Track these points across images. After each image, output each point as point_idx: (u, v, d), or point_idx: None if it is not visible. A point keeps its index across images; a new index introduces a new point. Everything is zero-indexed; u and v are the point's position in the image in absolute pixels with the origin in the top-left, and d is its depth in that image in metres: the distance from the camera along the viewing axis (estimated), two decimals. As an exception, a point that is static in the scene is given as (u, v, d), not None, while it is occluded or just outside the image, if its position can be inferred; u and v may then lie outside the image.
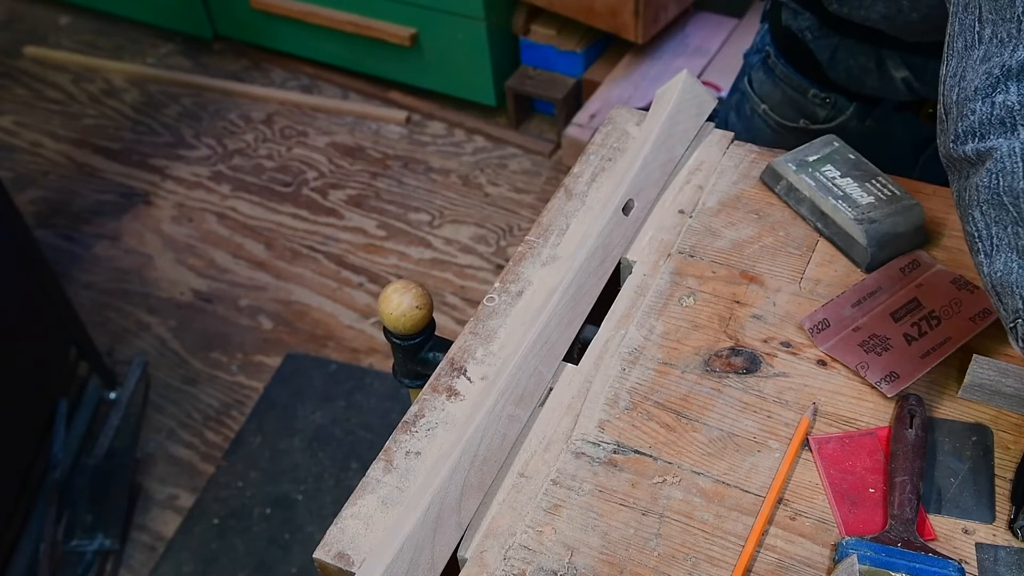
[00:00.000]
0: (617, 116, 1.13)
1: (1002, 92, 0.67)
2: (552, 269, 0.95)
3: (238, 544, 1.91)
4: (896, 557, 0.71)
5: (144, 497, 2.00)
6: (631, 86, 2.57)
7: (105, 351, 2.22)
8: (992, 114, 0.67)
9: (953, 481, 0.78)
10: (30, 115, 2.98)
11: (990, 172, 0.66)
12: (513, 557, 0.75)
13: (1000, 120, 0.66)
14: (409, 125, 2.85)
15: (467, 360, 0.88)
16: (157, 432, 2.12)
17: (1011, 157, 0.65)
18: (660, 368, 0.87)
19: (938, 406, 0.83)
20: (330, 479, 2.00)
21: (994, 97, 0.67)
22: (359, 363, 2.22)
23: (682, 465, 0.80)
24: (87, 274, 2.47)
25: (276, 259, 2.48)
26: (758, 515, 0.76)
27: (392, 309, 0.91)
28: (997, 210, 0.66)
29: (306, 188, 2.68)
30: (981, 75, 0.68)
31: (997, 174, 0.66)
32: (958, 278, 0.91)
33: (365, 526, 0.76)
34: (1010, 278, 0.65)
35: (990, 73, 0.67)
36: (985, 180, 0.67)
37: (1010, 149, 0.65)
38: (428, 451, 0.81)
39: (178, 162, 2.79)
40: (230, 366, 2.24)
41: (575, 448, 0.82)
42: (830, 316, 0.89)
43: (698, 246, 0.98)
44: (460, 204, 2.60)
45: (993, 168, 0.66)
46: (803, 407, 0.83)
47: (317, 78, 3.02)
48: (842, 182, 0.96)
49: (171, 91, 3.04)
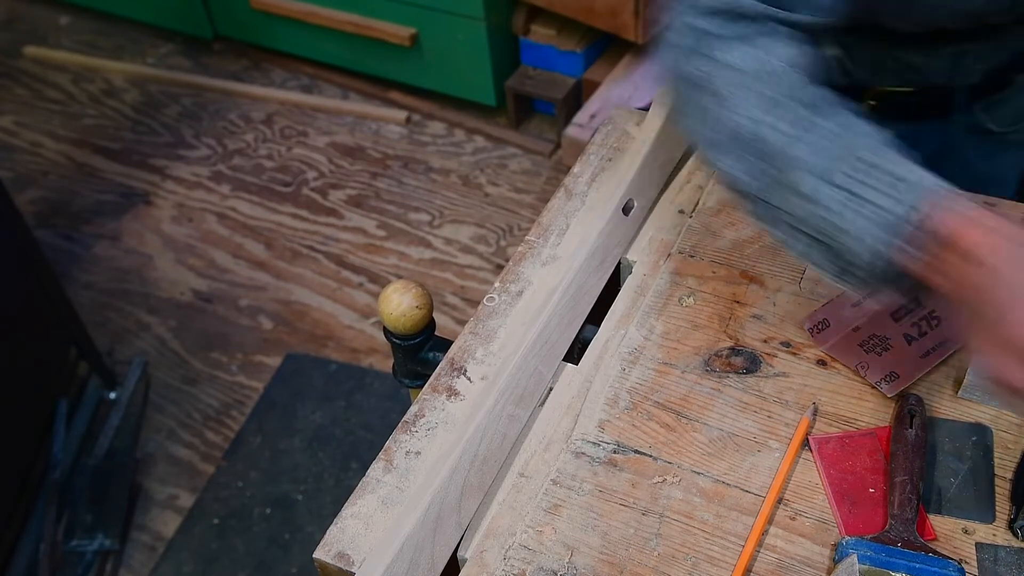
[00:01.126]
0: (617, 116, 1.13)
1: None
2: (552, 269, 0.95)
3: (238, 544, 1.91)
4: (896, 557, 0.71)
5: (144, 497, 2.00)
6: (631, 86, 2.57)
7: (105, 351, 2.22)
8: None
9: (953, 481, 0.78)
10: (30, 115, 2.98)
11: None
12: (513, 557, 0.75)
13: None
14: (409, 125, 2.85)
15: (467, 360, 0.88)
16: (157, 432, 2.12)
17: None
18: (660, 368, 0.87)
19: (938, 406, 0.83)
20: (330, 479, 2.00)
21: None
22: (359, 363, 2.22)
23: (682, 465, 0.80)
24: (87, 274, 2.47)
25: (276, 259, 2.48)
26: (758, 515, 0.76)
27: (392, 309, 0.91)
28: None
29: (306, 188, 2.68)
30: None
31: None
32: (958, 278, 0.91)
33: (365, 526, 0.76)
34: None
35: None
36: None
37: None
38: (428, 451, 0.81)
39: (178, 162, 2.79)
40: (230, 366, 2.24)
41: (575, 448, 0.82)
42: (830, 316, 0.89)
43: (698, 246, 0.98)
44: (460, 204, 2.60)
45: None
46: (803, 407, 0.83)
47: (317, 78, 3.02)
48: (842, 182, 0.96)
49: (171, 91, 3.04)
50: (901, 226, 0.65)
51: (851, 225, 0.67)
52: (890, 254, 0.66)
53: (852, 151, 0.68)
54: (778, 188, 0.71)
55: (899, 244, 0.66)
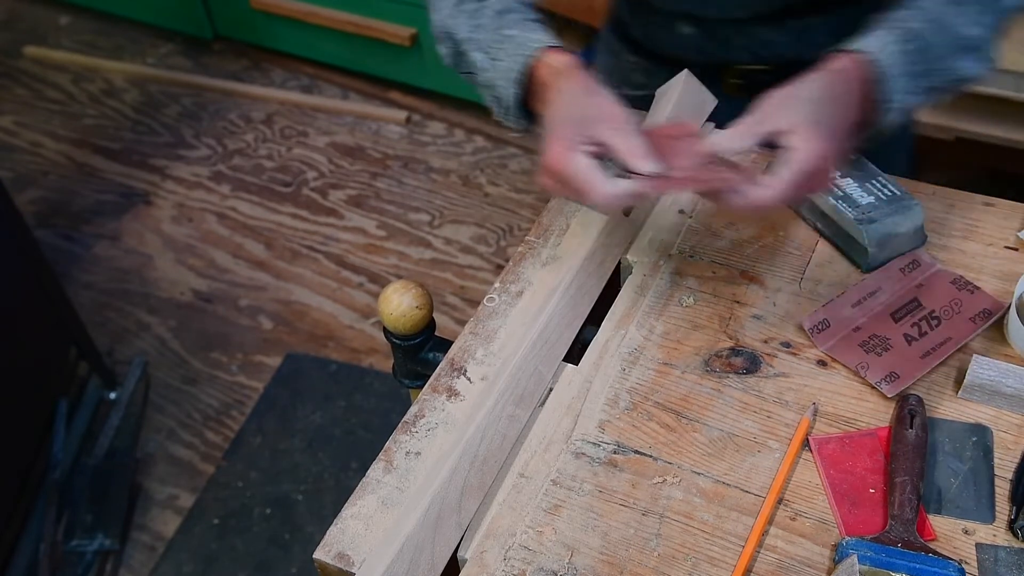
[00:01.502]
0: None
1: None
2: (552, 269, 0.95)
3: (238, 544, 1.91)
4: (896, 557, 0.71)
5: (144, 497, 2.00)
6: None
7: (105, 351, 2.22)
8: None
9: (953, 481, 0.78)
10: (30, 115, 2.98)
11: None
12: (513, 557, 0.75)
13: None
14: (409, 125, 2.85)
15: (467, 360, 0.88)
16: (157, 432, 2.12)
17: None
18: (660, 368, 0.87)
19: (938, 406, 0.83)
20: (330, 479, 2.00)
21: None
22: (359, 363, 2.22)
23: (682, 465, 0.80)
24: (87, 274, 2.47)
25: (276, 259, 2.48)
26: (758, 515, 0.76)
27: (392, 309, 0.91)
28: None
29: (306, 188, 2.68)
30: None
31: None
32: (958, 278, 0.91)
33: (365, 526, 0.76)
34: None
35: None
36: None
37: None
38: (428, 451, 0.81)
39: (178, 162, 2.79)
40: (230, 366, 2.24)
41: (575, 448, 0.82)
42: (830, 316, 0.89)
43: (698, 246, 0.98)
44: (460, 204, 2.60)
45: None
46: (803, 407, 0.83)
47: (317, 78, 3.02)
48: (842, 182, 0.96)
49: (171, 91, 3.04)
50: (515, 75, 0.90)
51: (497, 80, 0.92)
52: (513, 95, 0.91)
53: (499, 30, 0.92)
54: (464, 61, 0.97)
55: (515, 90, 0.90)
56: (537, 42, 0.89)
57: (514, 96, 0.90)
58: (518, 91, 0.90)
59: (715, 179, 0.80)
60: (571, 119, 0.83)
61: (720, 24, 1.07)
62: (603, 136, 0.81)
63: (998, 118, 1.94)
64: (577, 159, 0.80)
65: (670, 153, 0.81)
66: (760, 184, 0.78)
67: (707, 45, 1.10)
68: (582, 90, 0.85)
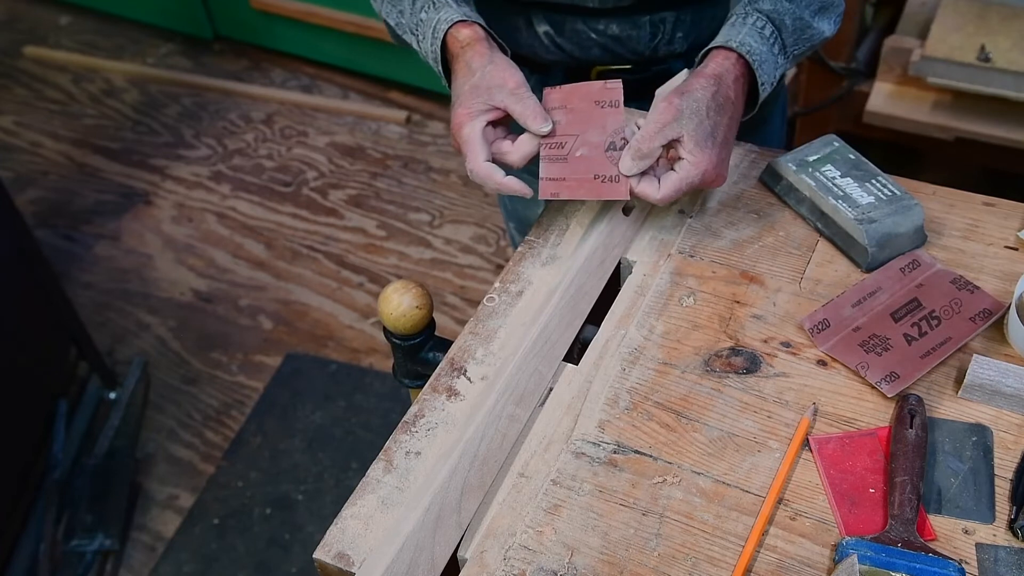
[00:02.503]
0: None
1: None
2: (552, 269, 0.95)
3: (238, 544, 1.91)
4: (896, 557, 0.71)
5: (144, 497, 2.00)
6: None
7: (105, 351, 2.22)
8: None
9: (953, 481, 0.78)
10: (30, 115, 2.98)
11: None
12: (513, 557, 0.75)
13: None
14: (409, 125, 2.85)
15: (467, 360, 0.88)
16: (157, 432, 2.12)
17: None
18: (660, 368, 0.87)
19: (938, 406, 0.83)
20: (330, 479, 2.00)
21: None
22: (359, 363, 2.22)
23: (682, 465, 0.80)
24: (87, 274, 2.47)
25: (276, 259, 2.48)
26: (758, 515, 0.76)
27: (392, 309, 0.91)
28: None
29: (306, 188, 2.68)
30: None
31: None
32: (958, 278, 0.91)
33: (365, 526, 0.76)
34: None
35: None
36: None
37: None
38: (428, 451, 0.81)
39: (178, 162, 2.79)
40: (230, 366, 2.24)
41: (575, 448, 0.82)
42: (830, 316, 0.89)
43: (698, 246, 0.98)
44: (460, 204, 2.60)
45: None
46: (803, 407, 0.83)
47: (317, 78, 3.02)
48: (842, 182, 0.96)
49: (171, 91, 3.04)
50: (434, 55, 0.99)
51: (427, 58, 1.01)
52: (440, 71, 1.00)
53: (415, 14, 1.01)
54: (403, 42, 1.08)
55: (439, 68, 0.99)
56: (445, 21, 0.97)
57: (441, 73, 1.01)
58: (440, 69, 1.00)
59: (600, 191, 0.91)
60: (473, 87, 0.93)
61: (573, 19, 1.08)
62: (501, 101, 0.91)
63: (998, 118, 1.94)
64: (472, 126, 0.92)
65: (587, 121, 0.92)
66: (653, 185, 0.90)
67: (564, 43, 1.11)
68: (483, 60, 0.94)
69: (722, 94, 0.91)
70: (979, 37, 1.89)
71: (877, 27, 2.21)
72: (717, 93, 0.91)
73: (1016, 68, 1.83)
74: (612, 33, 1.09)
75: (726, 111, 0.92)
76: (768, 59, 0.94)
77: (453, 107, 0.95)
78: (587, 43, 1.10)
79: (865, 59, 2.15)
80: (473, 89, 0.93)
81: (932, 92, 2.01)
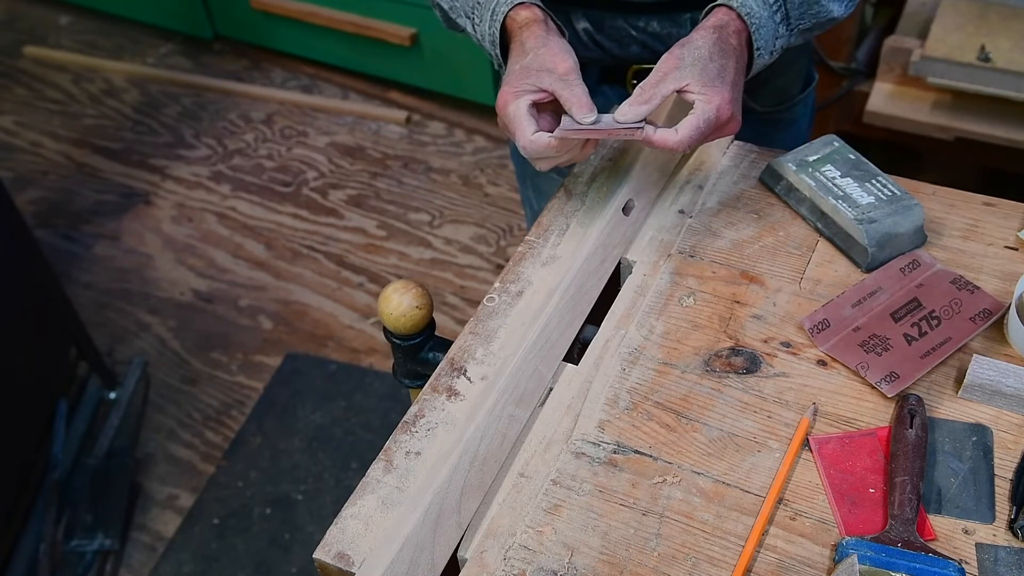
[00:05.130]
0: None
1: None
2: (552, 269, 0.95)
3: (238, 544, 1.91)
4: (896, 557, 0.71)
5: (144, 497, 2.00)
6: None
7: (105, 351, 2.22)
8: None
9: (953, 481, 0.78)
10: (30, 115, 2.98)
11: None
12: (513, 557, 0.75)
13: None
14: (409, 125, 2.85)
15: (467, 360, 0.88)
16: (157, 432, 2.12)
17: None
18: (660, 368, 0.87)
19: (938, 406, 0.83)
20: (330, 479, 2.00)
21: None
22: (359, 363, 2.22)
23: (682, 465, 0.80)
24: (87, 274, 2.47)
25: (276, 259, 2.48)
26: (758, 515, 0.76)
27: (392, 309, 0.90)
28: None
29: (306, 188, 2.68)
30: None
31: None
32: (958, 278, 0.91)
33: (365, 526, 0.76)
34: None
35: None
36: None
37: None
38: (428, 451, 0.81)
39: (178, 162, 2.79)
40: (230, 366, 2.24)
41: (575, 448, 0.82)
42: (830, 316, 0.89)
43: (698, 246, 0.98)
44: (460, 204, 2.60)
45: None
46: (803, 407, 0.83)
47: (317, 78, 3.02)
48: (842, 182, 0.96)
49: (171, 91, 3.04)
50: (491, 38, 0.98)
51: (483, 42, 1.00)
52: (497, 54, 0.99)
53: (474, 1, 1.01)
54: (455, 25, 1.06)
55: (496, 51, 0.98)
56: (505, 3, 0.97)
57: (498, 55, 1.00)
58: (498, 51, 0.99)
59: (625, 133, 0.89)
60: (523, 68, 0.91)
61: (613, 16, 1.08)
62: (549, 84, 0.90)
63: (998, 118, 1.94)
64: (517, 104, 0.90)
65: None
66: (671, 131, 0.88)
67: (603, 41, 1.11)
68: (537, 41, 0.93)
69: (724, 41, 0.91)
70: (979, 37, 1.89)
71: (877, 27, 2.21)
72: (719, 40, 0.91)
73: (1016, 68, 1.83)
74: (652, 30, 1.08)
75: (731, 56, 0.91)
76: (767, 25, 0.94)
77: (502, 87, 0.94)
78: (626, 40, 1.09)
79: (865, 59, 2.15)
80: (523, 70, 0.91)
81: (932, 92, 2.01)
